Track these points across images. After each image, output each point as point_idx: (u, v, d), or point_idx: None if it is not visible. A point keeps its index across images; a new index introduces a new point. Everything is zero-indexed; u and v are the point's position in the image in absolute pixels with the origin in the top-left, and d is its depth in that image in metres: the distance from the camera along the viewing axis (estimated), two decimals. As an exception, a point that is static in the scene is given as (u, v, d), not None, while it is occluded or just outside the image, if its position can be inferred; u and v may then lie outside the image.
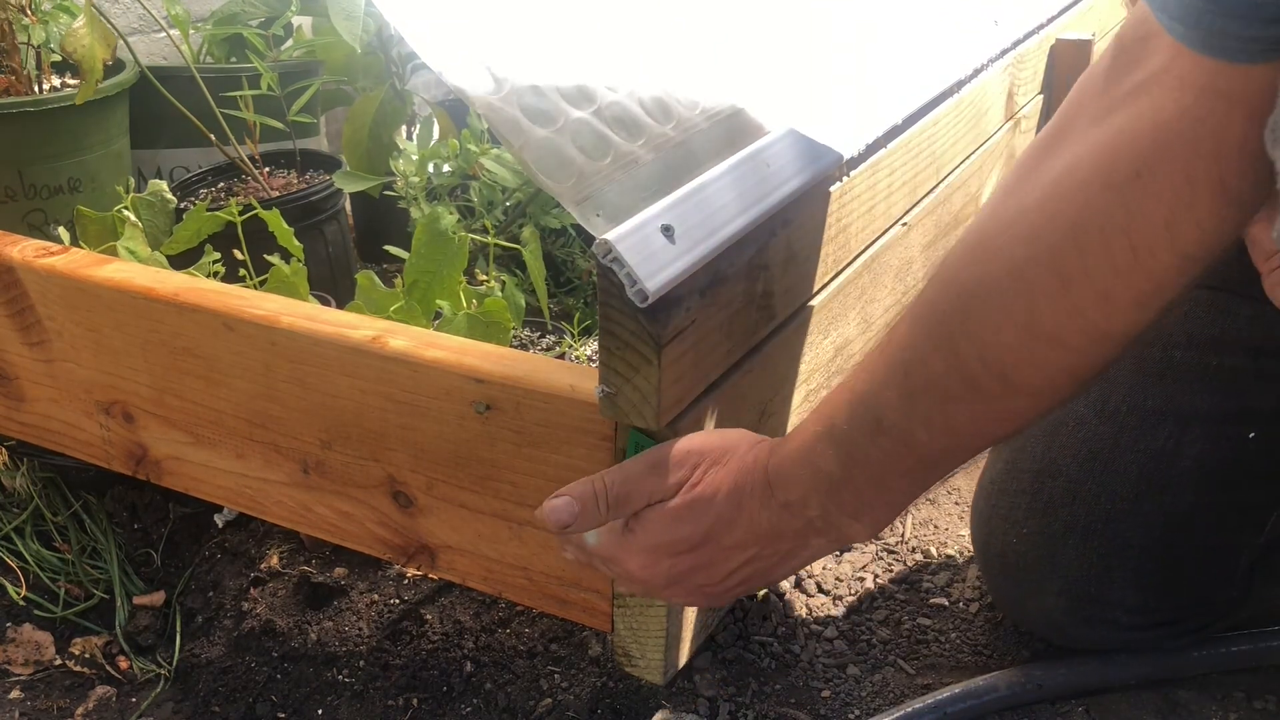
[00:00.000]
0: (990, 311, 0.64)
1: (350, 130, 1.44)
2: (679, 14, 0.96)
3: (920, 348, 0.68)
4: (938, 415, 0.68)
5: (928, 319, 0.68)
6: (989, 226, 0.67)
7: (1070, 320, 0.63)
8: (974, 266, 0.66)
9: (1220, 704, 0.91)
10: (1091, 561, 0.88)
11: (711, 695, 0.91)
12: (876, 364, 0.70)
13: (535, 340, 1.30)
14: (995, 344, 0.65)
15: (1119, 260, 0.60)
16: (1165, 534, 0.87)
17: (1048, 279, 0.62)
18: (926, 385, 0.68)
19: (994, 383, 0.66)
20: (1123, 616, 0.89)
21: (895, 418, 0.69)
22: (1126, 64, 0.61)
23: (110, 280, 0.98)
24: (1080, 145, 0.62)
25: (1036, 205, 0.63)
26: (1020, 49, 1.43)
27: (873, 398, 0.70)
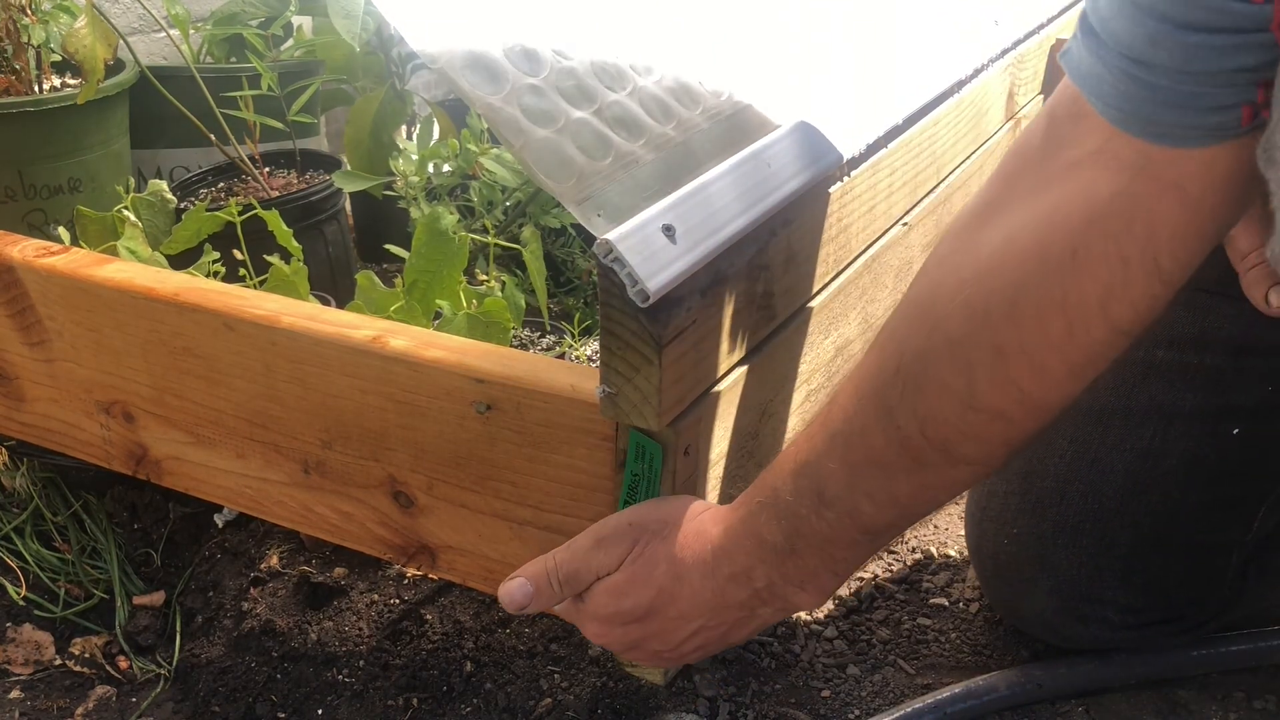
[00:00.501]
0: (930, 386, 0.65)
1: (350, 130, 1.44)
2: (678, 14, 0.96)
3: (861, 420, 0.68)
4: (881, 488, 0.68)
5: (868, 391, 0.68)
6: (927, 296, 0.67)
7: (1006, 393, 0.63)
8: (913, 339, 0.66)
9: (1220, 704, 0.91)
10: (1081, 561, 0.88)
11: (711, 695, 0.91)
12: (818, 435, 0.70)
13: (535, 340, 1.30)
14: (935, 418, 0.65)
15: (1054, 336, 0.61)
16: (1154, 532, 0.87)
17: (985, 354, 0.63)
18: (868, 459, 0.68)
19: (935, 455, 0.66)
20: (1114, 615, 0.89)
21: (838, 490, 0.69)
22: (1061, 139, 0.62)
23: (110, 280, 0.98)
24: (1016, 219, 0.63)
25: (974, 279, 0.63)
26: (1020, 49, 1.43)
27: (815, 470, 0.70)
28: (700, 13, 0.99)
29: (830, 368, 1.05)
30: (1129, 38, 0.55)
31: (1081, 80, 0.59)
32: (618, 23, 0.90)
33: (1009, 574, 0.93)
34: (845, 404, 0.69)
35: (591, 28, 0.87)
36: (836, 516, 0.69)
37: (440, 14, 0.77)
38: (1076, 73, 0.60)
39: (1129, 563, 0.88)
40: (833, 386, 1.06)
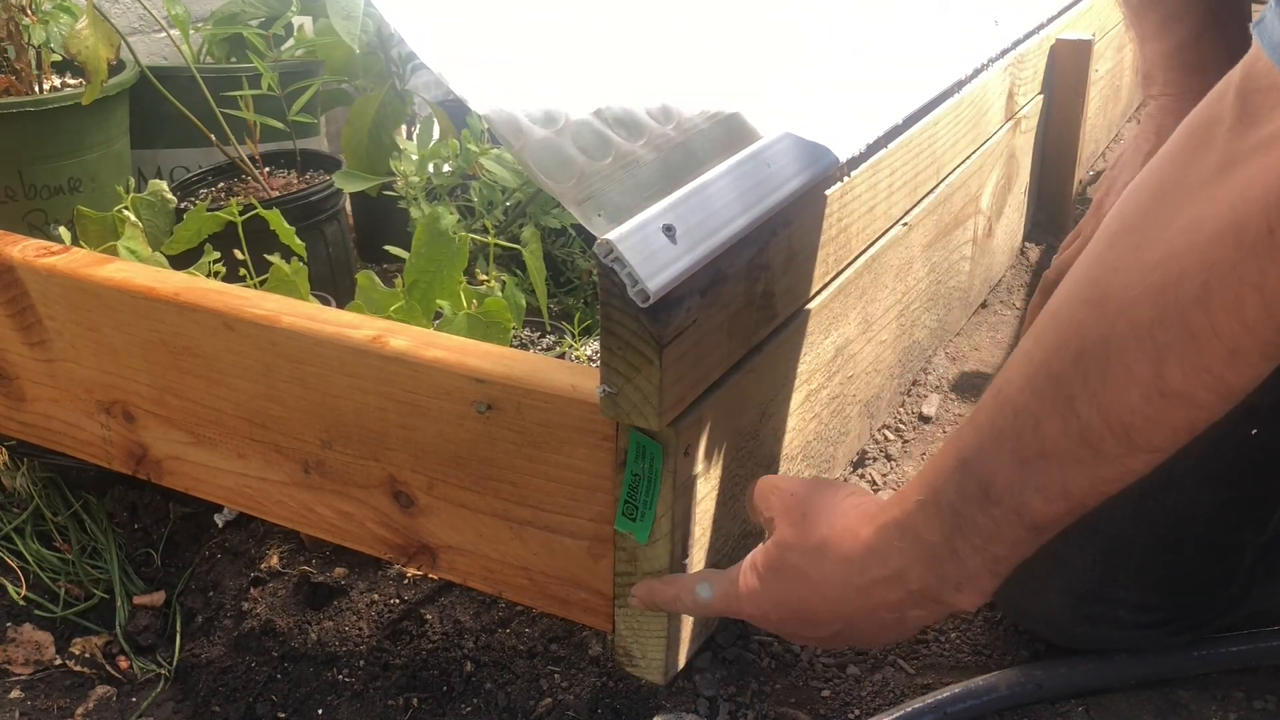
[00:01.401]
0: (1114, 372, 0.63)
1: (350, 130, 1.44)
2: (678, 14, 0.96)
3: (1033, 412, 0.66)
4: (1054, 481, 0.67)
5: (1040, 381, 0.66)
6: (1104, 279, 0.65)
7: (1199, 378, 0.62)
8: (1093, 325, 0.64)
9: (1220, 704, 0.91)
10: (1095, 560, 0.88)
11: (711, 695, 0.91)
12: (983, 429, 0.69)
13: (535, 340, 1.30)
14: (1120, 405, 0.63)
15: (1250, 316, 0.60)
16: (1168, 531, 0.87)
17: (1177, 338, 0.61)
18: (1042, 451, 0.66)
19: (1116, 444, 0.64)
20: (1125, 614, 0.89)
21: (1006, 486, 0.67)
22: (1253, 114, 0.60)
23: (111, 280, 0.98)
24: (1204, 199, 0.61)
25: (1161, 262, 0.62)
26: (1020, 49, 1.43)
27: (981, 466, 0.68)
28: (699, 13, 0.99)
29: (830, 368, 1.05)
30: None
31: (1275, 51, 0.57)
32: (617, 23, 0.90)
33: (1020, 573, 0.93)
34: (1014, 396, 0.67)
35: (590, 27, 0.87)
36: (1003, 513, 0.68)
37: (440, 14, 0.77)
38: (1270, 44, 0.57)
39: (1142, 562, 0.88)
40: (834, 386, 1.06)
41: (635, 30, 0.90)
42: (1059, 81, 1.64)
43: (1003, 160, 1.47)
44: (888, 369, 1.22)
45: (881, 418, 1.25)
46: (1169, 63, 1.16)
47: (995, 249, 1.55)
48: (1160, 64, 1.17)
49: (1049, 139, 1.70)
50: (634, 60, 0.88)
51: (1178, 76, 1.15)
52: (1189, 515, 0.87)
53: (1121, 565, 0.88)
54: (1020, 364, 0.68)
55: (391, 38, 1.47)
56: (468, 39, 0.77)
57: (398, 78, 1.48)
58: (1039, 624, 0.95)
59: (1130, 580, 0.88)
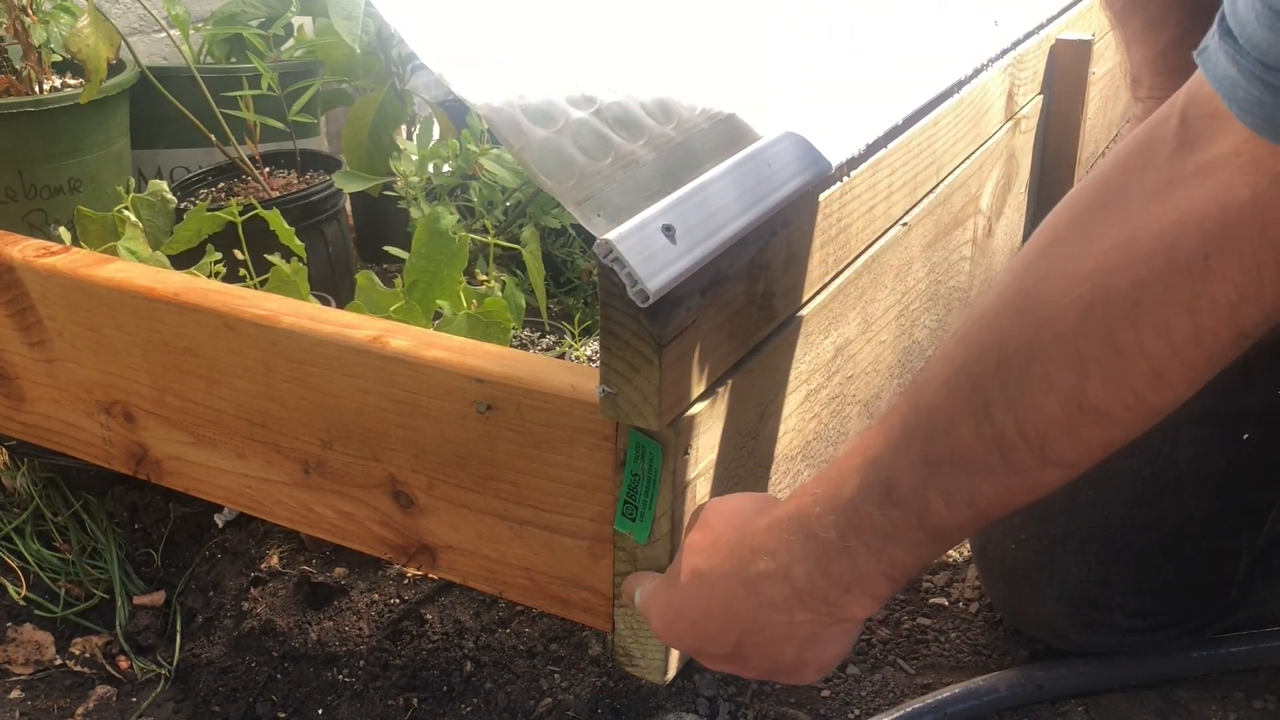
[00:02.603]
0: (1034, 381, 0.62)
1: (350, 130, 1.44)
2: (678, 13, 0.96)
3: (947, 413, 0.65)
4: (960, 488, 0.65)
5: (961, 384, 0.65)
6: (1033, 288, 0.64)
7: (1119, 395, 0.61)
8: (1018, 332, 0.64)
9: (1220, 704, 0.91)
10: (1090, 567, 0.88)
11: (711, 695, 0.91)
12: (894, 429, 0.67)
13: (535, 340, 1.30)
14: (1037, 415, 0.62)
15: (1178, 338, 0.59)
16: (1163, 538, 0.87)
17: (1101, 353, 0.61)
18: (951, 455, 0.65)
19: (1029, 454, 0.63)
20: (1122, 620, 0.89)
21: (910, 487, 0.66)
22: (1194, 139, 0.60)
23: (111, 280, 0.98)
24: (1141, 216, 0.61)
25: (1091, 275, 0.61)
26: (1020, 49, 1.43)
27: (886, 465, 0.67)
28: (698, 13, 0.99)
29: (830, 368, 1.05)
30: (1266, 45, 0.54)
31: (1218, 83, 0.58)
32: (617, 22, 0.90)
33: (1016, 579, 0.93)
34: (930, 397, 0.66)
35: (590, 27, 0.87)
36: (903, 515, 0.66)
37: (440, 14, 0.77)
38: (1213, 75, 0.58)
39: (1138, 569, 0.88)
40: (833, 387, 1.06)
41: (635, 30, 0.90)
42: (1059, 81, 1.64)
43: (1003, 160, 1.47)
44: (887, 369, 1.22)
45: (881, 418, 1.25)
46: (1155, 66, 1.16)
47: (995, 249, 1.55)
48: (1146, 68, 1.17)
49: (1049, 139, 1.70)
50: (634, 60, 0.88)
51: (1164, 80, 1.15)
52: (1184, 521, 0.87)
53: (1118, 572, 0.88)
54: (940, 365, 0.67)
55: (391, 38, 1.47)
56: (468, 39, 0.77)
57: (398, 78, 1.48)
58: (1037, 630, 0.95)
59: (1127, 587, 0.88)
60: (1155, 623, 0.90)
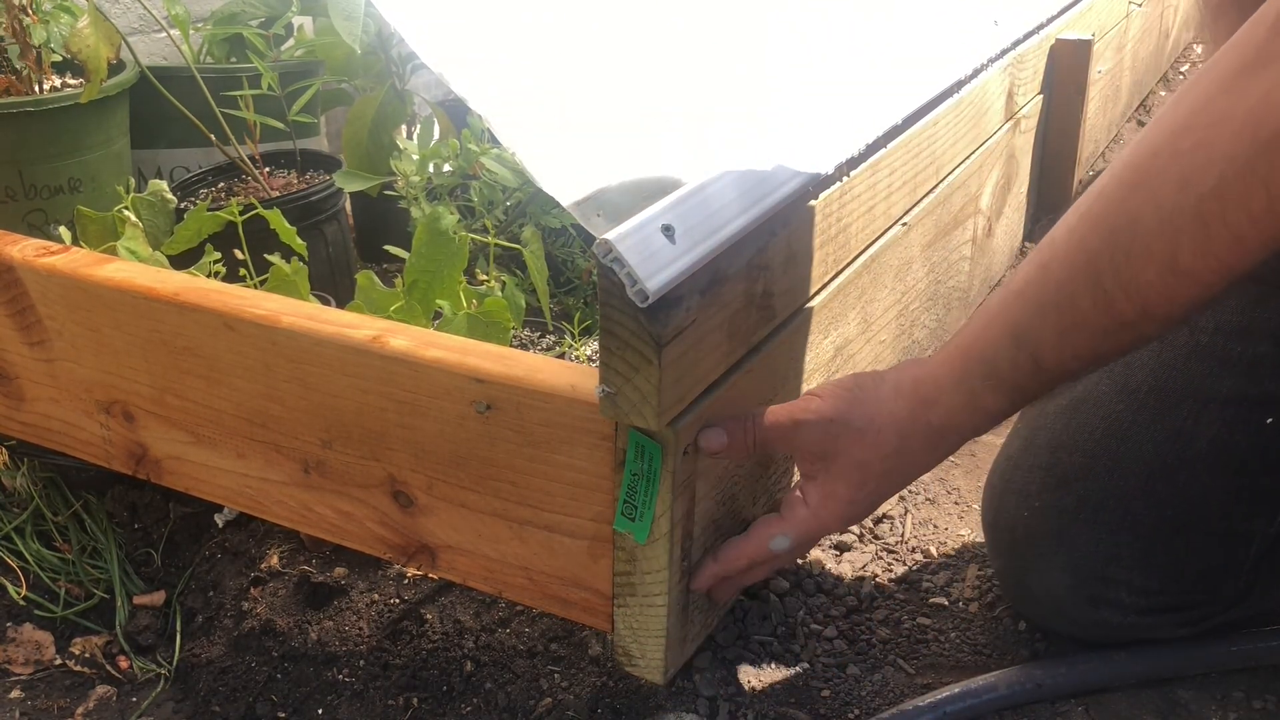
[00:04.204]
0: (1136, 250, 0.69)
1: (350, 130, 1.44)
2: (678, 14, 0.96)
3: (1070, 288, 0.73)
4: (1087, 347, 0.74)
5: (1078, 259, 0.73)
6: (1143, 164, 0.70)
7: (1205, 261, 0.67)
8: (1126, 202, 0.70)
9: (1220, 704, 0.91)
10: (1101, 538, 0.88)
11: (711, 695, 0.91)
12: (1030, 304, 0.76)
13: (535, 340, 1.30)
14: (1139, 281, 0.70)
15: (1256, 209, 0.64)
16: (1176, 515, 0.87)
17: (1191, 223, 0.66)
18: (1076, 323, 0.74)
19: (1135, 315, 0.71)
20: (1127, 597, 0.89)
21: (1053, 357, 0.75)
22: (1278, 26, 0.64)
23: (111, 280, 0.98)
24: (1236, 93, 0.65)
25: (1190, 150, 0.67)
26: (1020, 49, 1.43)
27: (1032, 339, 0.76)
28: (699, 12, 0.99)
29: (830, 367, 1.05)
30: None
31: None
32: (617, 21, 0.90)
33: (1024, 548, 0.93)
34: (1056, 271, 0.74)
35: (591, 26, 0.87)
36: (1050, 378, 0.77)
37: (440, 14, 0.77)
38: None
39: (1149, 544, 0.88)
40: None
41: (635, 30, 0.91)
42: (1059, 81, 1.64)
43: (1002, 160, 1.47)
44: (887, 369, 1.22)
45: (881, 418, 1.25)
46: None
47: (995, 249, 1.55)
48: None
49: (1049, 139, 1.70)
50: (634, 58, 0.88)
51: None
52: (1199, 500, 0.87)
53: (1127, 545, 0.88)
54: (1064, 237, 0.75)
55: (391, 38, 1.47)
56: (468, 39, 0.77)
57: (398, 78, 1.48)
58: (1039, 605, 0.95)
59: (1134, 561, 0.88)
60: (1159, 603, 0.90)
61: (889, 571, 1.07)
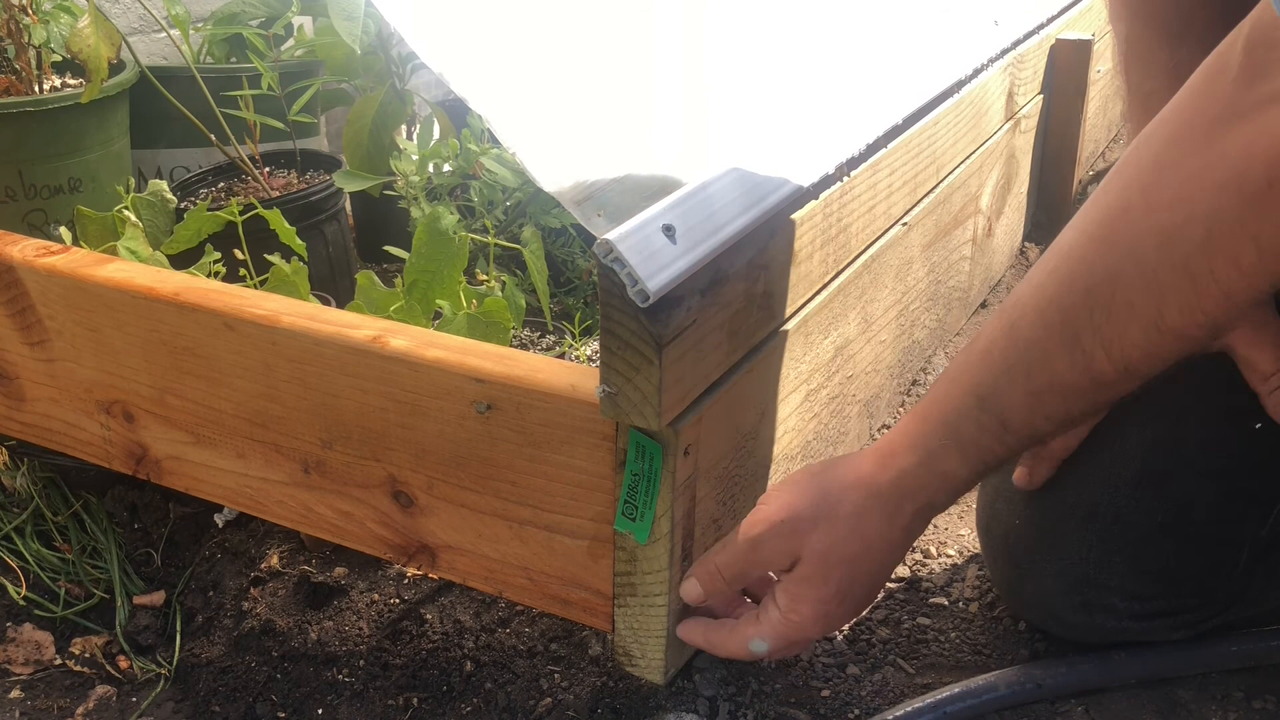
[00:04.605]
0: (1119, 308, 0.68)
1: (350, 130, 1.44)
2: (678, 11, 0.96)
3: (1043, 346, 0.71)
4: (1060, 408, 0.73)
5: (1049, 316, 0.71)
6: (1117, 220, 0.69)
7: (1192, 317, 0.66)
8: (1103, 261, 0.69)
9: (1220, 704, 0.91)
10: (1092, 544, 0.88)
11: (711, 695, 0.91)
12: (996, 365, 0.74)
13: (536, 340, 1.30)
14: (1121, 340, 0.69)
15: (1245, 263, 0.64)
16: (1167, 519, 0.87)
17: (1178, 280, 0.66)
18: (1050, 385, 0.72)
19: (1116, 375, 0.70)
20: (1120, 603, 0.89)
21: (1021, 420, 0.74)
22: (1256, 67, 0.62)
23: (111, 280, 0.98)
24: (1210, 148, 0.64)
25: (1168, 206, 0.65)
26: (1020, 49, 1.43)
27: (998, 401, 0.74)
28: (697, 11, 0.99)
29: (830, 367, 1.05)
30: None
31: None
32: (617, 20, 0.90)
33: (1017, 555, 0.93)
34: (1026, 330, 0.72)
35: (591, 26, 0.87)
36: (1017, 440, 0.75)
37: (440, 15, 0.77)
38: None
39: (1139, 549, 0.88)
40: (833, 386, 1.06)
41: (635, 30, 0.91)
42: (1059, 81, 1.64)
43: (1003, 160, 1.47)
44: (887, 369, 1.22)
45: (881, 418, 1.25)
46: None
47: (995, 249, 1.55)
48: None
49: (1049, 139, 1.70)
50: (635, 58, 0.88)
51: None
52: (1188, 505, 0.87)
53: (1118, 551, 0.88)
54: (1033, 297, 0.73)
55: (391, 38, 1.47)
56: (468, 39, 0.77)
57: (398, 78, 1.48)
58: (1034, 610, 0.95)
59: (1126, 567, 0.88)
60: (1153, 608, 0.90)
61: (889, 571, 1.07)
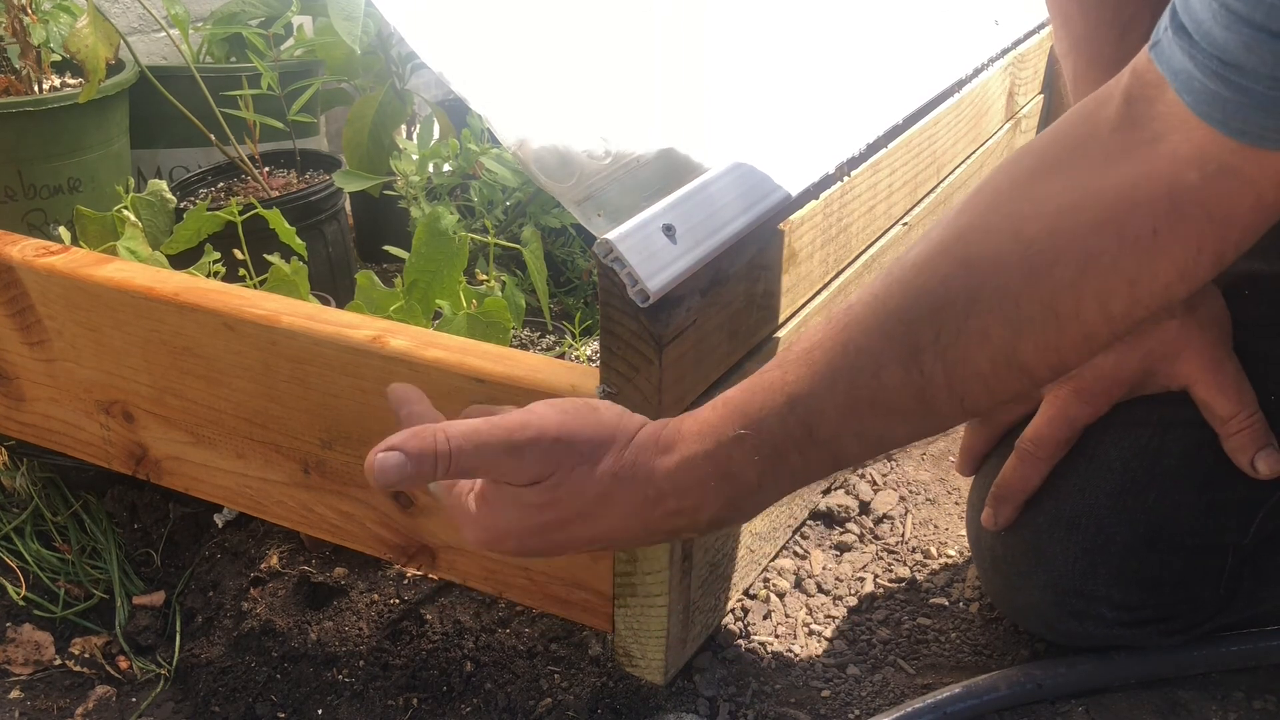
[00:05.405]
0: (969, 333, 0.64)
1: (350, 130, 1.44)
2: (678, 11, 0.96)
3: (876, 356, 0.65)
4: (875, 429, 0.66)
5: (890, 327, 0.65)
6: (977, 241, 0.65)
7: (1045, 356, 0.64)
8: (959, 282, 0.64)
9: (1220, 704, 0.91)
10: (1076, 555, 0.88)
11: (711, 695, 0.91)
12: (817, 366, 0.66)
13: (535, 340, 1.30)
14: (965, 366, 0.64)
15: (1115, 307, 0.62)
16: (1149, 530, 0.87)
17: (1041, 314, 0.63)
18: (874, 400, 0.65)
19: (951, 404, 0.65)
20: (1108, 612, 0.89)
21: (830, 429, 0.66)
22: (1136, 119, 0.62)
23: (110, 280, 0.98)
24: (1087, 186, 0.63)
25: (1039, 237, 0.63)
26: (1021, 49, 1.43)
27: (811, 406, 0.66)
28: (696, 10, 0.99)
29: (830, 368, 1.05)
30: (1223, 41, 0.56)
31: (1174, 76, 0.60)
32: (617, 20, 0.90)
33: (1005, 567, 0.93)
34: (858, 337, 0.66)
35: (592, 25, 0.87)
36: (819, 455, 0.67)
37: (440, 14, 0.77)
38: (1168, 67, 0.60)
39: (1124, 560, 0.88)
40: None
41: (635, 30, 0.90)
42: (1059, 82, 1.64)
43: (1003, 160, 1.47)
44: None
45: (881, 418, 1.25)
46: None
47: (995, 249, 1.55)
48: None
49: (1049, 139, 1.70)
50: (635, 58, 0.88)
51: None
52: (1169, 515, 0.87)
53: (1102, 562, 0.88)
54: (870, 307, 0.67)
55: (391, 37, 1.47)
56: (467, 39, 0.77)
57: (398, 78, 1.48)
58: (1028, 619, 0.95)
59: (1111, 577, 0.88)
60: (1142, 616, 0.90)
61: (889, 571, 1.07)
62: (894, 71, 1.12)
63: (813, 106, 0.97)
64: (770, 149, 0.86)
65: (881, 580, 1.05)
